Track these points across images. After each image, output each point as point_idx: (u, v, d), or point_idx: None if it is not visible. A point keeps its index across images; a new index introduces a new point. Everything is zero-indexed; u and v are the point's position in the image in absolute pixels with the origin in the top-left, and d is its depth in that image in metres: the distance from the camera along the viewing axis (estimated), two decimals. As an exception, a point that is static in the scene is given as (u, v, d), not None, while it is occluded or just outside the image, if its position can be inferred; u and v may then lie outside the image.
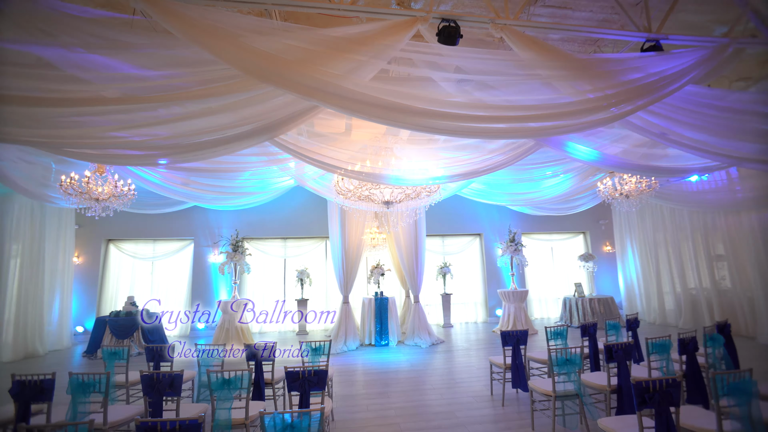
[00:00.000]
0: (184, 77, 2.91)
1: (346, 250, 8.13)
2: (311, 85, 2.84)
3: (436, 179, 4.93)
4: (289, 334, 9.74)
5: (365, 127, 5.71)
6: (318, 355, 4.09)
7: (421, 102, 2.95)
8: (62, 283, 8.91)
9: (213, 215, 10.31)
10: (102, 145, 3.10)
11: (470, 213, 10.97)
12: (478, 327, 9.87)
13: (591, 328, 4.69)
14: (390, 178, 4.74)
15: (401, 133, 5.72)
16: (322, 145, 5.19)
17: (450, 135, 3.24)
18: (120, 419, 3.06)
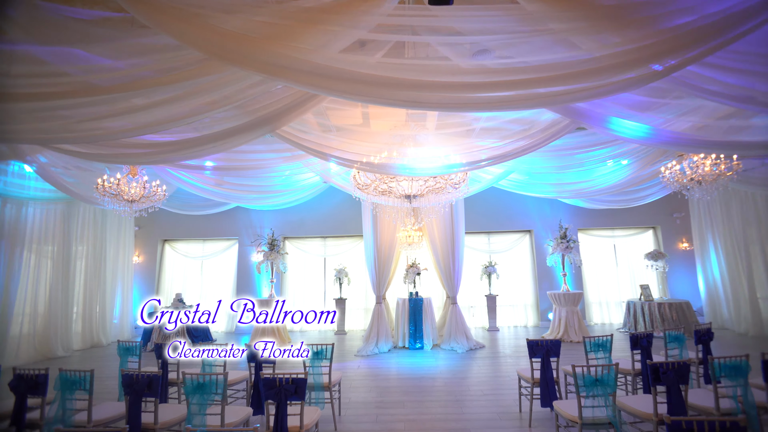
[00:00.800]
0: (149, 65, 2.81)
1: (378, 248, 7.85)
2: (279, 64, 2.58)
3: (450, 167, 4.44)
4: (329, 333, 9.69)
5: (383, 116, 5.38)
6: (319, 360, 3.84)
7: (408, 72, 2.55)
8: (123, 280, 9.75)
9: (256, 215, 10.63)
10: (79, 138, 3.13)
11: (519, 208, 10.10)
12: (528, 332, 9.01)
13: (644, 340, 3.87)
14: (398, 168, 4.35)
15: (426, 121, 5.30)
16: (339, 138, 4.95)
17: (442, 109, 2.79)
18: (103, 418, 3.05)
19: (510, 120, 4.37)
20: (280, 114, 3.93)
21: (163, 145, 3.88)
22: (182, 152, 3.95)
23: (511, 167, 6.50)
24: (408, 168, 4.34)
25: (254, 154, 5.80)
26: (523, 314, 9.88)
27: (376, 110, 5.15)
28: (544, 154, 5.60)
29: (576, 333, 7.54)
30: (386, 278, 7.82)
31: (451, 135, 5.34)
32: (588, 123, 3.85)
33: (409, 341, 7.47)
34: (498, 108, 2.61)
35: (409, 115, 5.06)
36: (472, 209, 10.07)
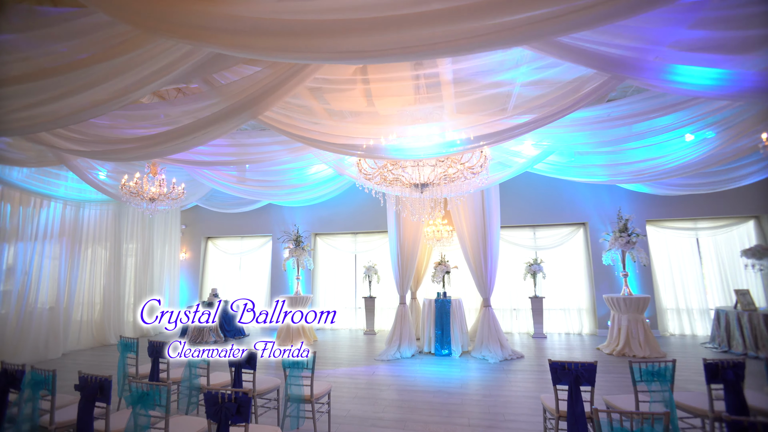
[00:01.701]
0: (86, 46, 2.53)
1: (401, 244, 7.25)
2: (196, 24, 2.14)
3: (448, 146, 3.69)
4: (358, 333, 9.32)
5: (387, 95, 4.76)
6: (299, 370, 3.38)
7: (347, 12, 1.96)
8: (171, 275, 10.27)
9: (288, 212, 10.61)
10: (16, 128, 2.97)
11: (570, 197, 8.83)
12: (582, 341, 7.80)
13: (729, 372, 2.79)
14: (387, 150, 3.72)
15: (443, 101, 4.57)
16: (331, 122, 4.46)
17: (387, 58, 2.13)
18: (65, 421, 2.89)
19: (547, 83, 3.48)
20: (258, 98, 3.54)
21: (144, 140, 3.69)
22: (163, 146, 3.73)
23: (549, 147, 5.49)
24: (397, 150, 3.70)
25: (260, 147, 5.53)
26: (577, 320, 8.61)
27: (379, 90, 4.55)
28: (588, 127, 4.57)
29: (641, 346, 6.26)
30: (409, 276, 7.19)
31: (475, 107, 4.53)
32: (645, 79, 2.84)
33: (436, 347, 6.78)
34: (457, 49, 1.90)
35: (419, 88, 4.38)
36: (512, 200, 9.03)
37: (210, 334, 8.32)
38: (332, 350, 7.34)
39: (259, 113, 3.73)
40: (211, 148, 5.36)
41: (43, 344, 6.54)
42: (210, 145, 5.37)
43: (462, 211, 7.07)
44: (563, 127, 4.71)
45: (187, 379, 3.66)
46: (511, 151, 5.75)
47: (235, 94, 3.70)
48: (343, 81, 4.15)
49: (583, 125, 4.56)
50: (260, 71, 3.69)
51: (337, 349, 7.41)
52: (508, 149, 5.73)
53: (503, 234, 9.18)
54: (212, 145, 5.35)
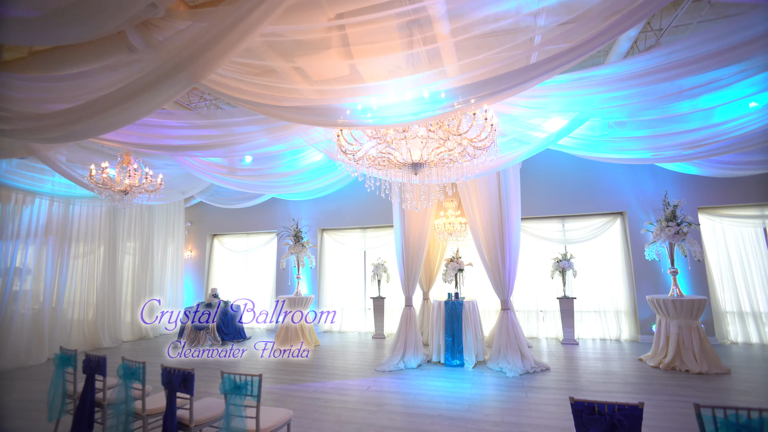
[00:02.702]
0: None
1: (405, 238, 6.40)
2: None
3: (426, 105, 2.80)
4: (366, 337, 8.57)
5: (371, 53, 3.93)
6: (241, 396, 2.63)
7: None
8: (174, 274, 9.92)
9: (293, 207, 10.00)
10: None
11: (604, 182, 7.67)
12: (620, 349, 6.67)
13: None
14: (346, 111, 2.89)
15: (438, 42, 3.66)
16: (307, 87, 3.69)
17: None
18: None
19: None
20: (195, 55, 2.83)
21: (63, 115, 3.07)
22: (87, 121, 3.09)
23: (578, 116, 4.47)
24: (370, 112, 2.85)
25: (232, 128, 4.85)
26: (614, 324, 7.45)
27: (360, 54, 3.73)
28: (625, 85, 3.56)
29: (696, 360, 5.11)
30: (416, 275, 6.34)
31: (477, 48, 3.59)
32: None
33: (446, 356, 5.90)
34: None
35: (408, 29, 3.51)
36: (536, 188, 7.97)
37: (207, 337, 7.82)
38: (331, 357, 6.62)
39: (200, 75, 3.02)
40: (177, 131, 4.73)
41: (25, 349, 6.21)
42: (175, 127, 4.75)
43: (474, 199, 6.13)
44: (594, 87, 3.72)
45: (122, 402, 3.01)
46: (528, 125, 4.77)
47: (167, 52, 2.99)
48: (311, 35, 3.37)
49: (621, 81, 3.55)
50: (193, 25, 2.99)
51: (336, 356, 6.69)
52: (525, 122, 4.75)
53: (526, 226, 8.14)
54: (178, 127, 4.72)
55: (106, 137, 4.50)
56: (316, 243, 9.62)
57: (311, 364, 6.17)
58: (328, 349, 7.33)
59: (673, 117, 4.38)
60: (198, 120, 4.75)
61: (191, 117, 4.73)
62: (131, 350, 7.48)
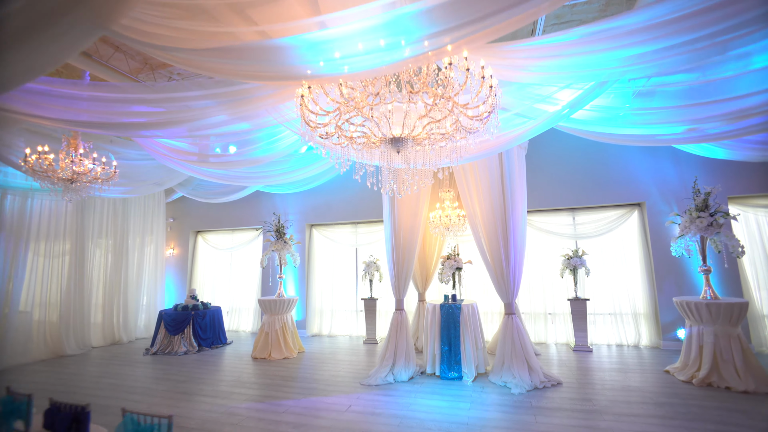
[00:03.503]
0: None
1: (395, 233, 5.66)
2: None
3: (387, 51, 2.04)
4: (358, 342, 7.85)
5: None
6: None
7: None
8: (153, 273, 9.24)
9: (280, 200, 9.29)
10: None
11: (620, 169, 6.87)
12: (640, 357, 5.90)
13: None
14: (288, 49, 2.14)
15: None
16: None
17: None
18: None
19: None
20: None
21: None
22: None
23: (597, 80, 3.69)
24: (309, 50, 2.10)
25: (191, 102, 4.11)
26: (632, 328, 6.66)
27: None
28: (654, 36, 2.77)
29: (740, 375, 4.30)
30: (407, 275, 5.59)
31: None
32: None
33: (441, 368, 5.15)
34: None
35: None
36: (543, 176, 7.19)
37: (182, 343, 7.13)
38: (313, 367, 5.90)
39: (108, 16, 2.28)
40: (121, 106, 4.01)
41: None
42: (119, 101, 4.02)
43: (474, 188, 5.37)
44: (618, 39, 2.93)
45: None
46: (536, 96, 3.98)
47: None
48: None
49: (653, 30, 2.76)
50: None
51: (320, 365, 5.97)
52: (532, 92, 3.97)
53: (533, 220, 7.36)
54: (122, 102, 3.99)
55: (32, 113, 3.78)
56: (303, 239, 8.90)
57: (289, 376, 5.45)
58: (312, 356, 6.61)
59: (715, 83, 3.59)
60: (146, 94, 4.01)
61: (138, 90, 4.00)
62: (98, 358, 6.80)
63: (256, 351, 6.60)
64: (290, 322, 6.91)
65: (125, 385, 5.12)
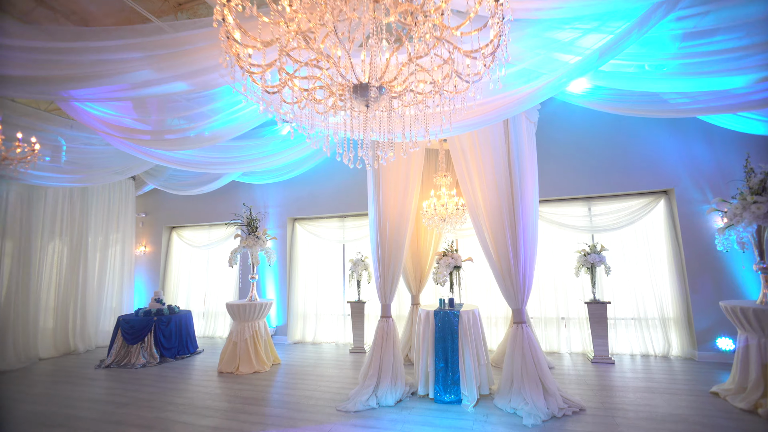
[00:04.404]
0: None
1: (381, 225, 4.72)
2: None
3: None
4: (344, 350, 6.94)
5: None
6: None
7: None
8: (119, 274, 8.34)
9: (260, 192, 8.37)
10: None
11: (643, 152, 5.94)
12: (672, 371, 4.98)
13: None
14: None
15: None
16: None
17: None
18: None
19: None
20: None
21: None
22: None
23: (621, 36, 2.74)
24: None
25: (108, 54, 3.18)
26: (660, 336, 5.73)
27: None
28: None
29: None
30: (394, 275, 4.67)
31: None
32: None
33: (436, 389, 4.23)
34: None
35: None
36: (554, 160, 6.27)
37: (141, 353, 6.22)
38: (285, 385, 4.99)
39: None
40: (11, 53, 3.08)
41: None
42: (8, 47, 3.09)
43: (475, 170, 4.44)
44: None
45: None
46: (553, 42, 3.04)
47: None
48: None
49: None
50: None
51: (293, 383, 5.06)
52: (549, 37, 3.03)
53: (542, 210, 6.44)
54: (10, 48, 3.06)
55: None
56: (285, 235, 7.98)
57: (254, 397, 4.54)
58: (289, 369, 5.70)
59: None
60: (49, 42, 3.08)
61: (37, 35, 3.06)
62: (39, 374, 5.87)
63: (222, 364, 5.69)
64: (263, 330, 5.99)
65: (46, 412, 4.20)
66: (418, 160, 4.80)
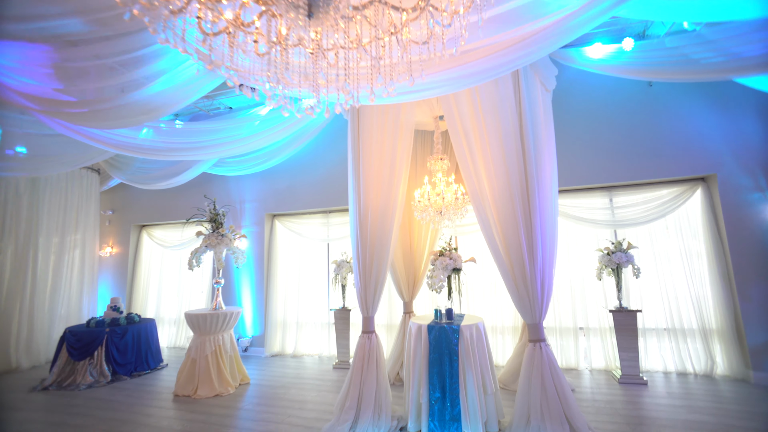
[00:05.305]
0: None
1: (362, 217, 3.81)
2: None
3: None
4: (327, 365, 6.03)
5: None
6: None
7: None
8: (77, 279, 7.44)
9: (234, 185, 7.47)
10: None
11: (678, 132, 5.02)
12: (721, 397, 4.06)
13: None
14: None
15: None
16: None
17: None
18: None
19: None
20: None
21: None
22: None
23: None
24: None
25: None
26: (701, 350, 4.80)
27: None
28: None
29: None
30: (378, 280, 3.75)
31: None
32: None
33: (431, 425, 3.31)
34: None
35: None
36: (568, 145, 5.35)
37: (88, 372, 5.31)
38: (248, 415, 4.07)
39: None
40: None
41: None
42: None
43: (479, 150, 3.52)
44: None
45: None
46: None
47: None
48: None
49: None
50: None
51: (259, 411, 4.15)
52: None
53: (557, 202, 5.50)
54: None
55: None
56: (263, 233, 7.07)
57: (205, 431, 3.64)
58: (258, 391, 4.79)
59: None
60: None
61: None
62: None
63: (178, 386, 4.78)
64: (229, 344, 5.08)
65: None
66: (407, 134, 3.88)
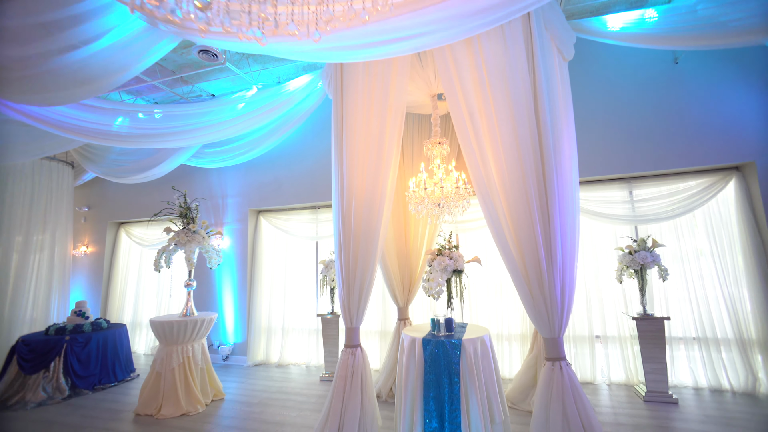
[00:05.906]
0: None
1: (343, 211, 3.21)
2: None
3: None
4: (316, 375, 5.44)
5: None
6: None
7: None
8: (45, 282, 6.85)
9: (217, 179, 6.89)
10: None
11: (707, 115, 4.41)
12: (765, 419, 3.46)
13: None
14: None
15: None
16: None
17: None
18: None
19: None
20: None
21: None
22: None
23: None
24: None
25: None
26: (739, 363, 4.19)
27: None
28: None
29: None
30: (363, 284, 3.15)
31: None
32: None
33: (425, 462, 2.72)
34: None
35: None
36: (583, 130, 4.76)
37: (40, 388, 4.72)
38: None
39: None
40: None
41: None
42: None
43: (486, 131, 2.93)
44: None
45: None
46: None
47: None
48: None
49: None
50: None
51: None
52: None
53: (570, 195, 4.89)
54: None
55: None
56: (246, 231, 6.48)
57: (157, 468, 3.04)
58: (230, 411, 4.20)
59: None
60: None
61: None
62: None
63: (140, 404, 4.19)
64: (200, 355, 4.49)
65: None
66: (397, 116, 3.28)
